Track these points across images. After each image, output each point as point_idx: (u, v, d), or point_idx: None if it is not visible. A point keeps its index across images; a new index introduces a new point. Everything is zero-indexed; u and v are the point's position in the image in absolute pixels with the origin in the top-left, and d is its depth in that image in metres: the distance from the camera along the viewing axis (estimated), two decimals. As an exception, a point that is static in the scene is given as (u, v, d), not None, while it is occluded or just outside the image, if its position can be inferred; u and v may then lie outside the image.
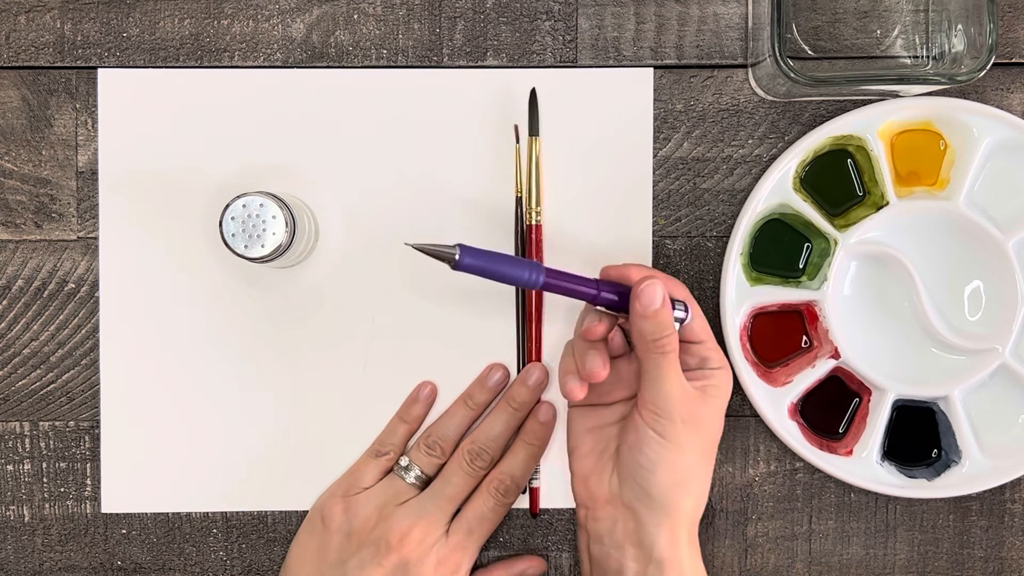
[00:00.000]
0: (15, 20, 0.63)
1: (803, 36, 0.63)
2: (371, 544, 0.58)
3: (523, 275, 0.54)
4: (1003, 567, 0.65)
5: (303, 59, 0.63)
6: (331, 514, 0.60)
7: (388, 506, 0.60)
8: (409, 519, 0.59)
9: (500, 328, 0.63)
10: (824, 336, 0.62)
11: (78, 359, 0.63)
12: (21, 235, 0.63)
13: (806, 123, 0.63)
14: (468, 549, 0.60)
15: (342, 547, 0.59)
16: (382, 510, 0.59)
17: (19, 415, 0.64)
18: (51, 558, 0.64)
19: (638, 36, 0.63)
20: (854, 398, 0.63)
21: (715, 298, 0.64)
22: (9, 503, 0.64)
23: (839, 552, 0.65)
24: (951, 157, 0.62)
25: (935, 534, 0.65)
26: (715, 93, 0.64)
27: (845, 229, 0.62)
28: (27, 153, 0.63)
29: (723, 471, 0.64)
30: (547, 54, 0.63)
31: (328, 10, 0.63)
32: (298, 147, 0.63)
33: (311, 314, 0.63)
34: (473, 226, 0.63)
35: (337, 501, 0.60)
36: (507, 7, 0.63)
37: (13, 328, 0.63)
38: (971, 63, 0.57)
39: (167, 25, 0.63)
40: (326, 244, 0.63)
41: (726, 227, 0.64)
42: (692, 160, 0.64)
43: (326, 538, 0.60)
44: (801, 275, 0.63)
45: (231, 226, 0.57)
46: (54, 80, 0.63)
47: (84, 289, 0.63)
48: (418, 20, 0.63)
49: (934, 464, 0.63)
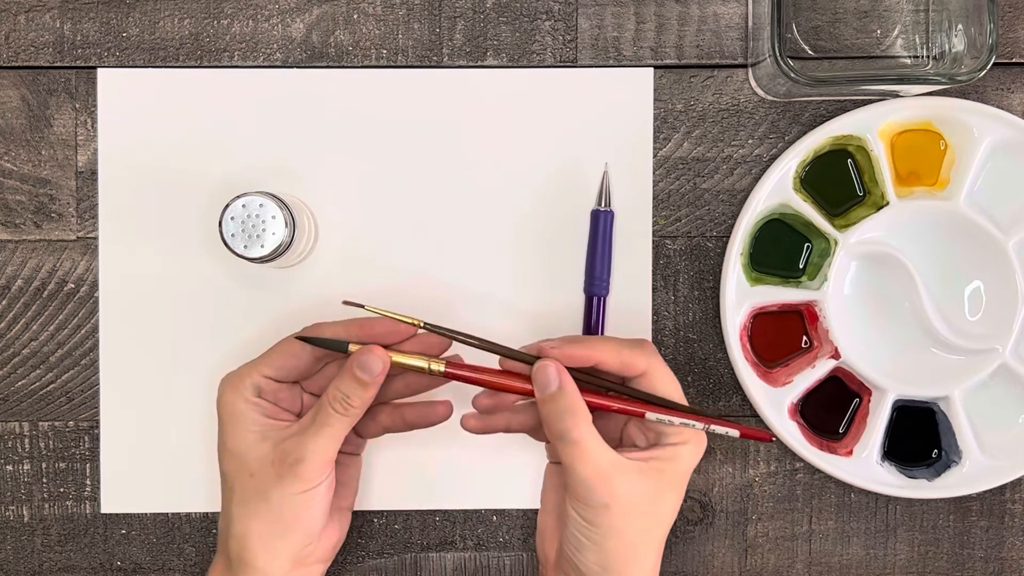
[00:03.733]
0: (15, 20, 0.63)
1: (803, 36, 0.63)
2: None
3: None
4: (1003, 567, 0.65)
5: (303, 59, 0.63)
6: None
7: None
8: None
9: (500, 328, 0.63)
10: (824, 336, 0.62)
11: (78, 359, 0.63)
12: (21, 235, 0.63)
13: (806, 123, 0.63)
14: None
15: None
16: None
17: (19, 415, 0.64)
18: (51, 558, 0.64)
19: (638, 36, 0.63)
20: (854, 398, 0.63)
21: (715, 298, 0.64)
22: (9, 503, 0.64)
23: (839, 552, 0.64)
24: (951, 157, 0.62)
25: (935, 534, 0.65)
26: (715, 93, 0.64)
27: (845, 229, 0.62)
28: (27, 153, 0.63)
29: (723, 471, 0.64)
30: (547, 54, 0.63)
31: (328, 10, 0.63)
32: (298, 147, 0.63)
33: (311, 314, 0.63)
34: (473, 225, 0.63)
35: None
36: (507, 7, 0.63)
37: (13, 328, 0.63)
38: (971, 63, 0.57)
39: (167, 25, 0.63)
40: (326, 244, 0.63)
41: (726, 227, 0.64)
42: (692, 160, 0.64)
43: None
44: (801, 275, 0.63)
45: (231, 226, 0.57)
46: (54, 80, 0.63)
47: (84, 289, 0.63)
48: (418, 20, 0.63)
49: (934, 464, 0.63)
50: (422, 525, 0.64)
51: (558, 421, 0.52)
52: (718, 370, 0.64)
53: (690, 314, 0.64)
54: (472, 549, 0.64)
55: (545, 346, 0.54)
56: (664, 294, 0.64)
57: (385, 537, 0.64)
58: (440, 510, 0.64)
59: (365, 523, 0.64)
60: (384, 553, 0.64)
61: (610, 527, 0.52)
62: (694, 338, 0.64)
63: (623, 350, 0.54)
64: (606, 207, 0.62)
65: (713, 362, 0.64)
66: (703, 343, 0.64)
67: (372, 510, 0.64)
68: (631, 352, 0.54)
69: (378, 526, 0.64)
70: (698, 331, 0.64)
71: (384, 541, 0.64)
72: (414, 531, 0.64)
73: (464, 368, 0.55)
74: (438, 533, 0.64)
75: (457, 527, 0.64)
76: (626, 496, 0.52)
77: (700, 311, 0.64)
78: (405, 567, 0.64)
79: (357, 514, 0.64)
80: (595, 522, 0.52)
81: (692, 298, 0.64)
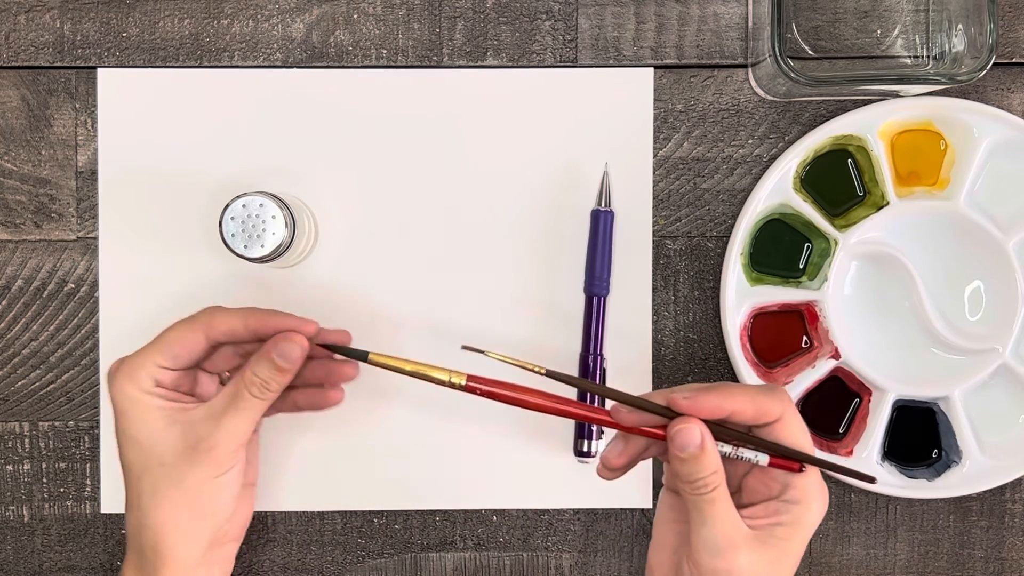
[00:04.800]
0: (15, 20, 0.63)
1: (803, 36, 0.63)
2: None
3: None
4: (1003, 567, 0.65)
5: (303, 59, 0.63)
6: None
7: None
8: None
9: (500, 327, 0.63)
10: (824, 336, 0.62)
11: (78, 359, 0.63)
12: (21, 235, 0.63)
13: (806, 123, 0.63)
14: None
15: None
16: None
17: (19, 415, 0.64)
18: (51, 558, 0.64)
19: (638, 36, 0.63)
20: (854, 398, 0.63)
21: (715, 298, 0.64)
22: (9, 503, 0.64)
23: (839, 552, 0.64)
24: (951, 157, 0.62)
25: (935, 534, 0.65)
26: (715, 93, 0.64)
27: (845, 229, 0.62)
28: (27, 153, 0.63)
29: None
30: (547, 54, 0.63)
31: (328, 10, 0.63)
32: (298, 147, 0.63)
33: (311, 314, 0.63)
34: (473, 225, 0.63)
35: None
36: (507, 7, 0.63)
37: (13, 328, 0.63)
38: (971, 63, 0.57)
39: (167, 25, 0.63)
40: (326, 244, 0.63)
41: (726, 227, 0.64)
42: (692, 160, 0.64)
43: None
44: (801, 275, 0.63)
45: (231, 226, 0.57)
46: (54, 80, 0.63)
47: (84, 289, 0.63)
48: (418, 20, 0.63)
49: (934, 464, 0.63)
50: (422, 525, 0.64)
51: (698, 480, 0.50)
52: (718, 370, 0.64)
53: (690, 314, 0.64)
54: (472, 549, 0.64)
55: (678, 398, 0.51)
56: (664, 294, 0.64)
57: (385, 537, 0.64)
58: (440, 510, 0.64)
59: (365, 523, 0.64)
60: (384, 553, 0.64)
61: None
62: (694, 338, 0.64)
63: (758, 397, 0.51)
64: (606, 207, 0.62)
65: (713, 362, 0.64)
66: (703, 343, 0.64)
67: (372, 510, 0.64)
68: (766, 399, 0.51)
69: (378, 526, 0.64)
70: (698, 331, 0.64)
71: (384, 541, 0.64)
72: (414, 531, 0.64)
73: (485, 383, 0.53)
74: (438, 533, 0.64)
75: (457, 527, 0.64)
76: (748, 566, 0.50)
77: (700, 311, 0.64)
78: (405, 567, 0.64)
79: (357, 514, 0.64)
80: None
81: (692, 298, 0.64)
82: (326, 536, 0.64)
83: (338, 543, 0.64)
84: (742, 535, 0.50)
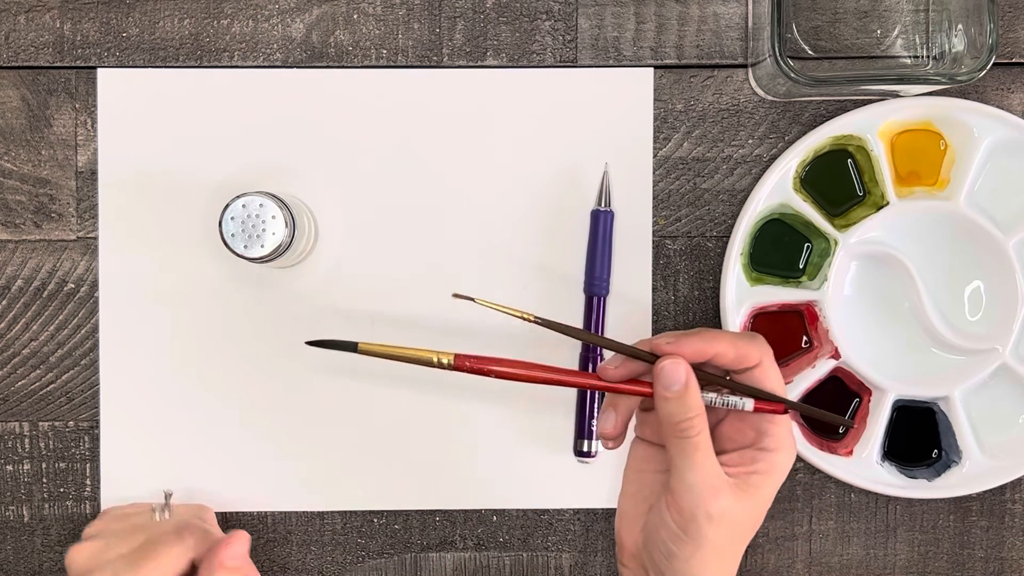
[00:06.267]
0: (15, 20, 0.63)
1: (803, 36, 0.63)
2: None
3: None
4: (1003, 567, 0.65)
5: (303, 59, 0.63)
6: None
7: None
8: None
9: (499, 327, 0.63)
10: (824, 336, 0.62)
11: (78, 359, 0.63)
12: (21, 235, 0.63)
13: (806, 123, 0.63)
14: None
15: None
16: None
17: (19, 415, 0.64)
18: (50, 558, 0.64)
19: (638, 36, 0.63)
20: (854, 398, 0.63)
21: (715, 298, 0.64)
22: (9, 503, 0.64)
23: (839, 552, 0.64)
24: (951, 157, 0.62)
25: (935, 534, 0.65)
26: (715, 93, 0.64)
27: (845, 229, 0.62)
28: (26, 153, 0.63)
29: (723, 471, 0.64)
30: (547, 54, 0.63)
31: (328, 10, 0.63)
32: (298, 147, 0.63)
33: (311, 314, 0.63)
34: (473, 225, 0.63)
35: None
36: (507, 7, 0.63)
37: (13, 328, 0.63)
38: (971, 63, 0.57)
39: (167, 25, 0.63)
40: (326, 244, 0.63)
41: (726, 227, 0.64)
42: (692, 160, 0.64)
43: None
44: (801, 275, 0.63)
45: (231, 226, 0.57)
46: (53, 80, 0.63)
47: (84, 289, 0.63)
48: (418, 20, 0.63)
49: (934, 464, 0.63)
50: (422, 525, 0.64)
51: (681, 420, 0.50)
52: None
53: (690, 314, 0.64)
54: (472, 549, 0.64)
55: (660, 343, 0.52)
56: (664, 294, 0.64)
57: (385, 537, 0.64)
58: (440, 510, 0.64)
59: (365, 523, 0.64)
60: (384, 553, 0.64)
61: (704, 538, 0.50)
62: (694, 338, 0.64)
63: (739, 342, 0.52)
64: (606, 207, 0.62)
65: (713, 362, 0.64)
66: (703, 343, 0.64)
67: (372, 510, 0.64)
68: (747, 344, 0.52)
69: (378, 526, 0.64)
70: (698, 331, 0.64)
71: (384, 541, 0.64)
72: (414, 531, 0.64)
73: (473, 360, 0.52)
74: (438, 533, 0.64)
75: (457, 527, 0.64)
76: (728, 511, 0.50)
77: (700, 311, 0.64)
78: (405, 567, 0.64)
79: (357, 514, 0.64)
80: (691, 533, 0.51)
81: (692, 298, 0.64)
82: (326, 536, 0.64)
83: (338, 543, 0.64)
84: (723, 481, 0.51)
